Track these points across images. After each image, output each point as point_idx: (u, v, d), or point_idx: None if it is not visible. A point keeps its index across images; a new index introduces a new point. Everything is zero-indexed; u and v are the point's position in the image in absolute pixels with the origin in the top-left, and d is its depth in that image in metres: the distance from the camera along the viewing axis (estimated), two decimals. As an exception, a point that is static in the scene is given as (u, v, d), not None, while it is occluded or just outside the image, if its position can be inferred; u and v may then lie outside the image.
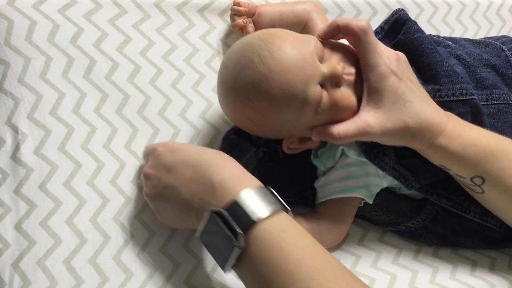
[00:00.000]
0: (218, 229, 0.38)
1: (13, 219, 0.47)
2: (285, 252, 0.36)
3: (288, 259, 0.36)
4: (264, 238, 0.37)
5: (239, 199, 0.38)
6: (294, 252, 0.36)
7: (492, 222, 0.53)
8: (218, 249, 0.40)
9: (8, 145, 0.50)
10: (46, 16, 0.53)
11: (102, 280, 0.47)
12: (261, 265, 0.36)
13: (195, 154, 0.45)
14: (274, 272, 0.35)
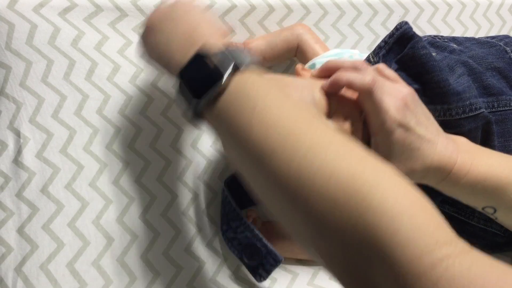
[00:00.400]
0: (204, 65, 0.38)
1: (15, 223, 0.47)
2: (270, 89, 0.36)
3: (272, 92, 0.36)
4: (246, 80, 0.37)
5: (228, 48, 0.39)
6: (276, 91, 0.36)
7: (496, 228, 0.52)
8: (198, 84, 0.38)
9: (10, 149, 0.50)
10: (47, 19, 0.53)
11: (106, 283, 0.47)
12: (241, 97, 0.36)
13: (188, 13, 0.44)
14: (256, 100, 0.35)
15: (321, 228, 0.30)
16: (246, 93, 0.36)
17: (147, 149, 0.54)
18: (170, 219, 0.53)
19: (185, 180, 0.55)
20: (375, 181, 0.29)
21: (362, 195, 0.29)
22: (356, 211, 0.28)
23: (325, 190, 0.30)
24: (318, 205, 0.30)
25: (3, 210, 0.48)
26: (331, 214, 0.29)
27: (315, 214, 0.30)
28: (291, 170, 0.31)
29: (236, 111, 0.36)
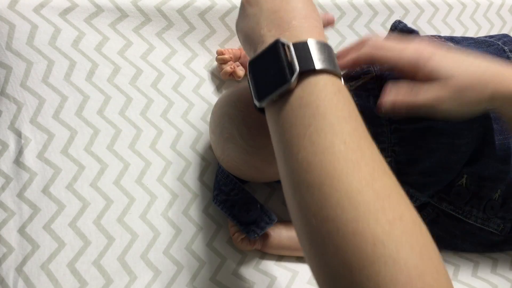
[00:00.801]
0: (275, 59, 0.35)
1: (16, 223, 0.48)
2: (333, 104, 0.33)
3: (333, 111, 0.33)
4: (317, 86, 0.34)
5: (309, 42, 0.35)
6: (341, 108, 0.33)
7: (493, 227, 0.53)
8: (265, 79, 0.36)
9: (12, 150, 0.50)
10: (47, 20, 0.53)
11: (107, 282, 0.48)
12: (303, 107, 0.33)
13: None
14: (315, 117, 0.33)
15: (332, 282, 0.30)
16: (307, 103, 0.34)
17: (148, 150, 0.55)
18: (171, 219, 0.53)
19: (185, 181, 0.55)
20: (393, 257, 0.28)
21: (377, 269, 0.28)
22: (366, 283, 0.28)
23: (344, 249, 0.29)
24: (333, 262, 0.29)
25: (4, 210, 0.48)
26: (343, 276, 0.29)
27: (328, 270, 0.30)
28: (321, 214, 0.30)
29: (292, 123, 0.34)
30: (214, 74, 0.62)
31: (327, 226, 0.30)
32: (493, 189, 0.51)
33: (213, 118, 0.52)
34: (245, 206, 0.52)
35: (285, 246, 0.54)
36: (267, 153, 0.48)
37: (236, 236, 0.52)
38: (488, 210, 0.52)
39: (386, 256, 0.28)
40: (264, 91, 0.36)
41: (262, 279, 0.53)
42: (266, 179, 0.55)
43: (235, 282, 0.52)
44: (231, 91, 0.51)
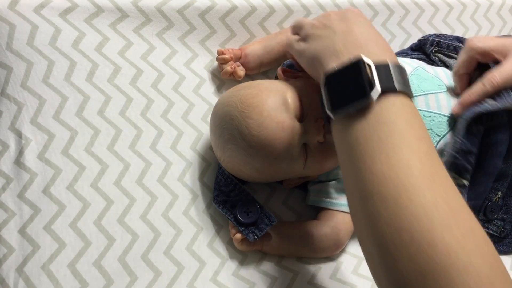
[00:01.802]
0: (357, 75, 0.37)
1: (17, 224, 0.48)
2: (410, 124, 0.35)
3: (410, 130, 0.34)
4: (395, 105, 0.35)
5: (390, 64, 0.37)
6: (418, 128, 0.35)
7: (493, 229, 0.53)
8: (343, 93, 0.37)
9: (12, 150, 0.50)
10: (48, 20, 0.53)
11: (107, 283, 0.48)
12: (381, 124, 0.35)
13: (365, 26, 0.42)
14: (393, 134, 0.34)
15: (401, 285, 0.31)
16: (385, 121, 0.35)
17: (148, 150, 0.55)
18: (171, 219, 0.53)
19: (185, 181, 0.55)
20: (466, 267, 0.29)
21: (450, 277, 0.29)
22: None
23: (417, 257, 0.30)
24: (405, 269, 0.31)
25: (4, 211, 0.48)
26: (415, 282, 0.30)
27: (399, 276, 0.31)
28: (394, 224, 0.32)
29: (367, 138, 0.35)
30: (215, 75, 0.62)
31: (402, 235, 0.31)
32: (494, 191, 0.51)
33: (213, 118, 0.52)
34: (245, 207, 0.52)
35: (286, 247, 0.54)
36: (268, 154, 0.48)
37: (237, 237, 0.52)
38: (488, 213, 0.52)
39: (460, 266, 0.29)
40: (341, 103, 0.37)
41: (262, 279, 0.53)
42: (266, 180, 0.55)
43: (236, 283, 0.52)
44: (232, 91, 0.52)
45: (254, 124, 0.47)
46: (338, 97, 0.38)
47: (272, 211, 0.53)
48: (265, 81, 0.52)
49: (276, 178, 0.54)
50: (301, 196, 0.59)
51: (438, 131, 0.50)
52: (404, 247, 0.31)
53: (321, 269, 0.55)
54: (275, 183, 0.58)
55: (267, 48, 0.60)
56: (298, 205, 0.59)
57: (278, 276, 0.53)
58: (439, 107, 0.51)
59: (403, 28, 0.69)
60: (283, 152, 0.48)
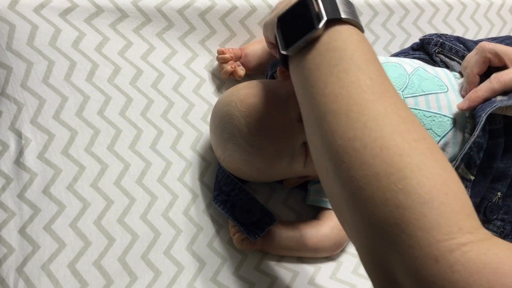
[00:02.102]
0: (304, 11, 0.38)
1: (17, 224, 0.48)
2: (359, 49, 0.36)
3: (360, 54, 0.35)
4: (343, 33, 0.37)
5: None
6: (366, 52, 0.36)
7: (493, 229, 0.53)
8: (293, 30, 0.39)
9: (12, 150, 0.50)
10: (48, 20, 0.53)
11: (107, 283, 0.48)
12: (330, 51, 0.36)
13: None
14: (342, 58, 0.35)
15: (356, 196, 0.32)
16: (334, 48, 0.36)
17: (148, 150, 0.55)
18: (171, 219, 0.53)
19: (185, 181, 0.55)
20: (419, 165, 0.30)
21: (403, 174, 0.30)
22: (393, 188, 0.30)
23: (371, 161, 0.31)
24: (359, 174, 0.31)
25: (4, 211, 0.48)
26: (369, 185, 0.31)
27: (354, 182, 0.31)
28: (347, 136, 0.32)
29: (318, 64, 0.36)
30: (215, 75, 0.62)
31: (354, 144, 0.32)
32: (494, 191, 0.51)
33: (213, 118, 0.52)
34: (245, 207, 0.52)
35: (286, 247, 0.54)
36: (268, 153, 0.48)
37: (237, 236, 0.52)
38: (488, 213, 0.52)
39: (413, 164, 0.30)
40: (292, 39, 0.38)
41: (262, 279, 0.53)
42: (266, 179, 0.55)
43: (236, 283, 0.52)
44: (231, 91, 0.52)
45: (254, 123, 0.47)
46: (290, 35, 0.39)
47: (272, 211, 0.53)
48: (265, 81, 0.52)
49: (276, 177, 0.54)
50: (301, 196, 0.59)
51: (439, 131, 0.50)
52: (357, 154, 0.32)
53: (321, 269, 0.55)
54: (275, 183, 0.58)
55: (267, 48, 0.60)
56: (298, 205, 0.59)
57: (278, 276, 0.53)
58: (440, 107, 0.51)
59: (403, 28, 0.69)
60: (283, 151, 0.48)
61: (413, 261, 0.28)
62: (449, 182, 0.30)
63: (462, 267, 0.26)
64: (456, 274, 0.26)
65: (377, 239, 0.30)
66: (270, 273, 0.53)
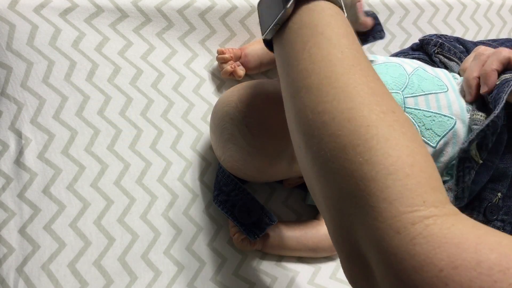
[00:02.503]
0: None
1: (17, 224, 0.48)
2: (331, 24, 0.36)
3: (331, 28, 0.36)
4: (314, 10, 0.37)
5: None
6: (338, 27, 0.36)
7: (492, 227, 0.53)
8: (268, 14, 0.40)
9: (12, 150, 0.50)
10: (48, 20, 0.53)
11: (107, 283, 0.48)
12: (302, 28, 0.36)
13: None
14: (313, 34, 0.36)
15: (325, 169, 0.32)
16: (305, 25, 0.36)
17: (148, 150, 0.55)
18: (171, 219, 0.53)
19: (185, 181, 0.55)
20: (386, 136, 0.30)
21: (369, 145, 0.30)
22: (359, 160, 0.30)
23: (339, 133, 0.31)
24: (328, 146, 0.31)
25: (4, 211, 0.48)
26: (337, 158, 0.31)
27: (323, 155, 0.32)
28: (317, 109, 0.33)
29: (292, 43, 0.37)
30: (214, 74, 0.62)
31: (324, 117, 0.32)
32: (494, 191, 0.51)
33: (213, 118, 0.52)
34: (245, 207, 0.52)
35: (286, 247, 0.54)
36: (268, 153, 0.48)
37: (237, 236, 0.52)
38: (488, 213, 0.52)
39: (379, 135, 0.30)
40: (267, 23, 0.39)
41: (262, 279, 0.53)
42: (267, 179, 0.55)
43: (236, 283, 0.52)
44: (232, 91, 0.52)
45: (254, 123, 0.47)
46: (266, 20, 0.40)
47: (272, 211, 0.53)
48: (265, 81, 0.52)
49: (276, 177, 0.54)
50: (301, 196, 0.59)
51: (438, 131, 0.50)
52: (326, 126, 0.32)
53: (321, 269, 0.55)
54: (275, 183, 0.58)
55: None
56: (298, 205, 0.59)
57: (278, 276, 0.53)
58: (439, 107, 0.51)
59: (403, 28, 0.69)
60: (283, 151, 0.48)
61: (375, 232, 0.28)
62: (416, 154, 0.30)
63: (424, 240, 0.26)
64: (417, 246, 0.26)
65: (343, 212, 0.31)
66: (270, 273, 0.53)
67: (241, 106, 0.48)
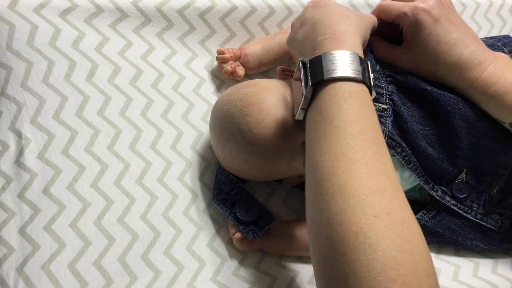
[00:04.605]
0: (303, 77, 0.41)
1: (17, 224, 0.48)
2: (341, 110, 0.37)
3: (340, 115, 0.36)
4: (328, 94, 0.38)
5: (323, 55, 0.40)
6: (349, 113, 0.36)
7: (492, 223, 0.53)
8: (297, 95, 0.42)
9: (12, 150, 0.50)
10: (47, 20, 0.53)
11: (107, 283, 0.48)
12: (317, 113, 0.38)
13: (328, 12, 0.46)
14: (324, 121, 0.37)
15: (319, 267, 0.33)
16: (320, 110, 0.37)
17: (148, 150, 0.55)
18: (171, 219, 0.53)
19: (185, 181, 0.55)
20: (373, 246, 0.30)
21: (356, 256, 0.30)
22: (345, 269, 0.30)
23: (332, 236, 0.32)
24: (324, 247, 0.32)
25: (4, 211, 0.48)
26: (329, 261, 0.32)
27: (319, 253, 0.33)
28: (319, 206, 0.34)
29: (309, 129, 0.39)
30: (214, 74, 0.62)
31: (322, 217, 0.33)
32: (492, 184, 0.52)
33: (213, 117, 0.52)
34: (245, 206, 0.52)
35: (286, 246, 0.54)
36: (267, 152, 0.48)
37: (237, 236, 0.52)
38: (487, 206, 0.52)
39: (366, 244, 0.30)
40: (296, 105, 0.42)
41: (262, 279, 0.53)
42: (266, 178, 0.55)
43: (236, 282, 0.52)
44: (231, 90, 0.52)
45: (254, 122, 0.47)
46: (296, 101, 0.42)
47: (272, 211, 0.53)
48: (264, 80, 0.52)
49: (276, 176, 0.54)
50: (301, 195, 0.60)
51: None
52: (323, 227, 0.33)
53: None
54: (275, 182, 0.58)
55: (267, 48, 0.60)
56: (298, 205, 0.59)
57: (278, 276, 0.53)
58: None
59: (403, 28, 0.69)
60: (282, 150, 0.48)
61: None
62: (401, 266, 0.30)
63: None
64: None
65: None
66: (270, 273, 0.53)
67: (241, 105, 0.48)
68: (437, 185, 0.52)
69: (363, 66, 0.40)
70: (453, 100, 0.49)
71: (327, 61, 0.39)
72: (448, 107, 0.49)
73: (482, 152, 0.50)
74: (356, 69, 0.39)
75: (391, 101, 0.50)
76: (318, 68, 0.39)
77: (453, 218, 0.54)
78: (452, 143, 0.50)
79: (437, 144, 0.50)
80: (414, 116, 0.50)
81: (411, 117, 0.50)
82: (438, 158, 0.50)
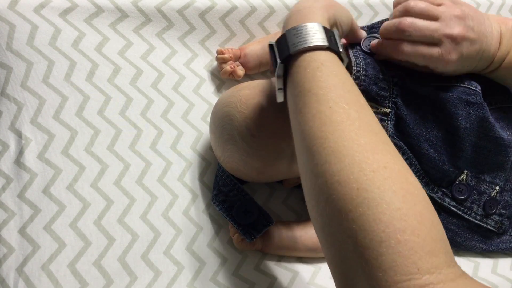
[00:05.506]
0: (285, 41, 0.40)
1: (17, 224, 0.48)
2: (316, 78, 0.37)
3: (317, 83, 0.36)
4: (300, 66, 0.38)
5: (287, 32, 0.40)
6: (324, 80, 0.37)
7: (491, 224, 0.53)
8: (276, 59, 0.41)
9: (12, 150, 0.50)
10: (48, 20, 0.53)
11: (107, 283, 0.48)
12: (294, 87, 0.38)
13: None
14: (302, 93, 0.37)
15: (325, 233, 0.32)
16: (296, 83, 0.38)
17: (148, 150, 0.55)
18: (171, 219, 0.53)
19: (185, 181, 0.55)
20: (376, 200, 0.30)
21: (361, 211, 0.30)
22: (352, 226, 0.30)
23: (333, 197, 0.31)
24: (326, 211, 0.32)
25: (4, 211, 0.48)
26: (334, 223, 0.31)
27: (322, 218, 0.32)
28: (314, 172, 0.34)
29: (290, 104, 0.39)
30: (214, 74, 0.62)
31: (319, 181, 0.33)
32: (492, 185, 0.52)
33: (213, 119, 0.52)
34: (243, 208, 0.52)
35: (286, 247, 0.54)
36: (267, 154, 0.48)
37: (236, 236, 0.52)
38: (487, 207, 0.52)
39: (370, 199, 0.30)
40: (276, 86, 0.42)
41: (262, 279, 0.53)
42: (266, 180, 0.55)
43: (236, 283, 0.52)
44: (231, 92, 0.52)
45: (254, 124, 0.47)
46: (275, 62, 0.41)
47: (272, 211, 0.53)
48: (265, 82, 0.52)
49: (275, 178, 0.54)
50: (301, 196, 0.59)
51: None
52: (322, 190, 0.32)
53: (321, 269, 0.55)
54: (275, 183, 0.58)
55: (267, 48, 0.60)
56: (298, 205, 0.59)
57: (278, 276, 0.53)
58: None
59: (403, 28, 0.69)
60: (282, 152, 0.48)
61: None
62: (407, 216, 0.30)
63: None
64: None
65: (343, 278, 0.31)
66: (270, 273, 0.53)
67: (241, 107, 0.48)
68: (437, 187, 0.52)
69: (328, 35, 0.40)
70: (458, 102, 0.49)
71: (291, 36, 0.39)
72: (453, 109, 0.49)
73: (483, 153, 0.50)
74: (321, 38, 0.39)
75: (395, 104, 0.51)
76: (283, 45, 0.39)
77: (452, 219, 0.54)
78: (454, 145, 0.50)
79: (439, 146, 0.50)
80: (416, 118, 0.50)
81: (413, 120, 0.50)
82: (439, 160, 0.50)
